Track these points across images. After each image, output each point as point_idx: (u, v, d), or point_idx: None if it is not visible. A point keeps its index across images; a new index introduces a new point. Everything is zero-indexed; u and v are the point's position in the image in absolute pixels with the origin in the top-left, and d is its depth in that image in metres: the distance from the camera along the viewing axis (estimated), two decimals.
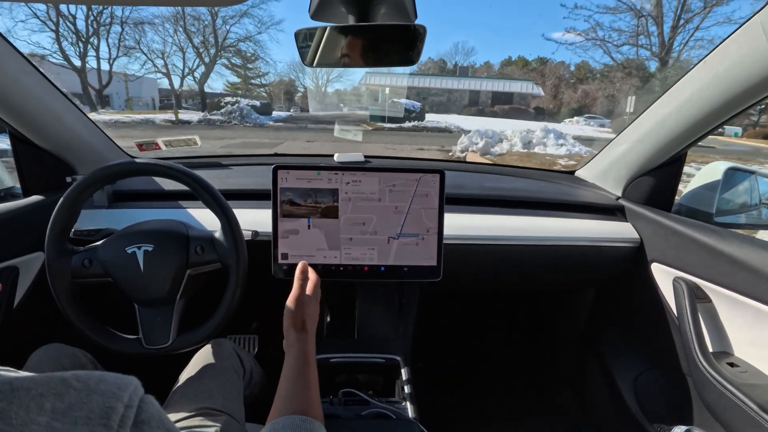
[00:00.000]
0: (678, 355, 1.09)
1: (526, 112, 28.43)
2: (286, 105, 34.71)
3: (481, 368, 1.77)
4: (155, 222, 0.96)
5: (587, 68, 34.07)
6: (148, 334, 0.90)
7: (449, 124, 19.42)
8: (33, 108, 1.01)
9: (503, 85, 31.95)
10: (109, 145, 1.29)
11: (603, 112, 27.83)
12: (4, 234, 0.99)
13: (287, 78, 38.29)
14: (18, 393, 0.25)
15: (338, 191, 0.97)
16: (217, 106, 20.16)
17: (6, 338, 0.97)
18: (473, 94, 32.09)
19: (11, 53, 0.91)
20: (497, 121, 21.95)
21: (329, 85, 41.74)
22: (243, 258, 0.90)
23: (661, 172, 1.19)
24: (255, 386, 1.08)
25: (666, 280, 1.11)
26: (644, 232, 1.20)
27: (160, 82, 30.53)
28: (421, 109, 20.82)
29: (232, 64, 30.70)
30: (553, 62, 37.44)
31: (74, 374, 0.27)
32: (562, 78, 34.57)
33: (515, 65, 41.20)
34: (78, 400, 0.26)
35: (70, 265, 0.87)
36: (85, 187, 0.87)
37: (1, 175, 1.18)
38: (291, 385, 0.64)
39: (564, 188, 1.40)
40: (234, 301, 0.90)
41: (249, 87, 33.71)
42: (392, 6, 0.69)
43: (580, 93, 31.32)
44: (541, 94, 32.29)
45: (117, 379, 0.29)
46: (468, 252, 1.17)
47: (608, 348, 1.36)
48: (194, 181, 0.89)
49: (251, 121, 19.00)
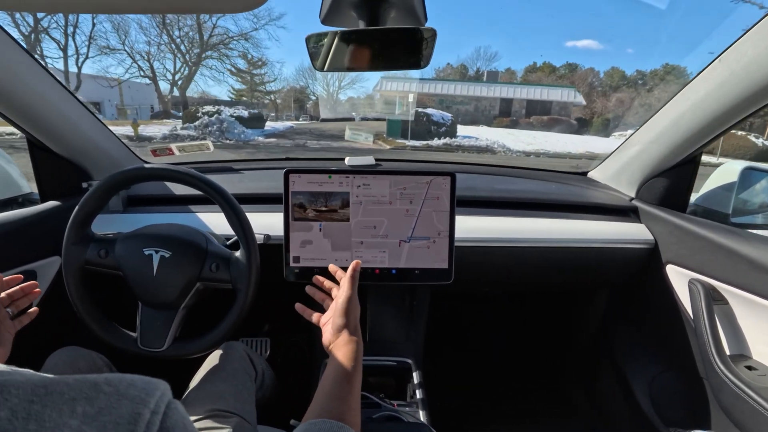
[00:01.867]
0: (694, 358, 1.08)
1: (568, 124, 24.08)
2: (296, 113, 32.59)
3: (493, 370, 1.75)
4: (177, 228, 0.96)
5: (619, 75, 31.68)
6: (145, 334, 0.91)
7: (490, 141, 15.48)
8: (51, 116, 1.03)
9: (540, 93, 27.24)
10: (125, 151, 1.31)
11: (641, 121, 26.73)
12: (22, 238, 1.02)
13: (298, 85, 35.49)
14: (52, 396, 0.25)
15: (349, 194, 0.97)
16: (193, 116, 15.87)
17: (23, 341, 0.99)
18: (504, 103, 27.12)
19: (31, 63, 0.93)
20: (535, 134, 19.12)
21: (341, 92, 37.90)
22: (254, 282, 0.90)
23: (676, 172, 1.18)
24: (266, 389, 1.09)
25: (681, 282, 1.10)
26: (659, 233, 1.19)
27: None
28: (452, 121, 16.78)
29: (237, 70, 28.38)
30: (582, 68, 34.61)
31: (106, 378, 0.28)
32: (593, 86, 31.31)
33: (541, 71, 37.41)
34: (107, 404, 0.26)
35: (87, 251, 0.89)
36: (120, 180, 0.89)
37: (19, 181, 1.21)
38: (335, 386, 0.62)
39: (576, 189, 1.39)
40: (236, 322, 0.90)
41: (255, 94, 31.42)
42: (402, 10, 0.69)
43: (615, 102, 28.35)
44: (583, 102, 27.66)
45: (146, 384, 0.29)
46: (480, 254, 1.16)
47: (622, 350, 1.34)
48: (215, 190, 0.89)
49: (233, 136, 15.18)
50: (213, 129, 15.02)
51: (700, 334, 0.98)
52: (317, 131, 19.96)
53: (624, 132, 21.82)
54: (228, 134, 15.14)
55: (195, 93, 27.65)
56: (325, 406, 0.59)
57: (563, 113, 26.19)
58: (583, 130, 23.97)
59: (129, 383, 0.28)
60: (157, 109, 25.00)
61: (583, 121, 26.07)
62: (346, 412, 0.58)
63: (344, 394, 0.62)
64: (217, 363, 0.96)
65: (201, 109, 16.36)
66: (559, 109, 26.53)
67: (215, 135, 14.76)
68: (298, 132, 19.39)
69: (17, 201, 1.18)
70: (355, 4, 0.68)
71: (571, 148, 15.20)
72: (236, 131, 15.45)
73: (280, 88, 33.75)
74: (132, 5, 0.52)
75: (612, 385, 1.37)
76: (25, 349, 0.98)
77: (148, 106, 24.66)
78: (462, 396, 1.61)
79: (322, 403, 0.60)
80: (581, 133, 22.36)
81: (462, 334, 1.85)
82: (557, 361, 1.72)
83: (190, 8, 0.55)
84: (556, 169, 1.59)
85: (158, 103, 25.02)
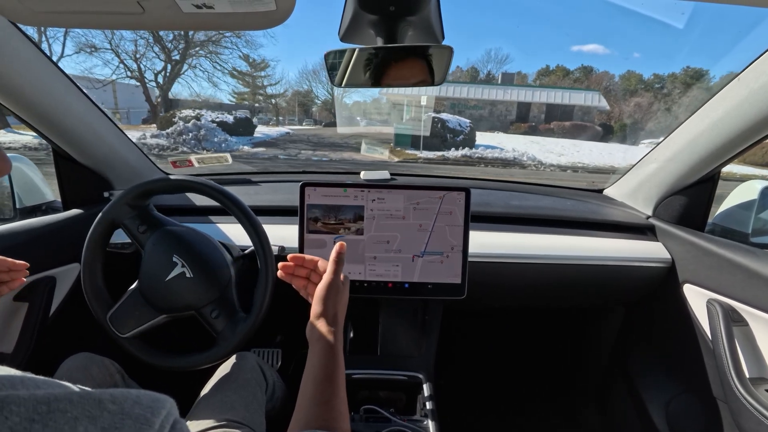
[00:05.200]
0: (712, 380, 1.05)
1: (593, 131, 21.73)
2: (300, 118, 31.06)
3: (505, 387, 1.73)
4: (213, 252, 0.96)
5: (637, 78, 29.52)
6: (119, 314, 0.91)
7: (518, 153, 13.30)
8: (76, 126, 1.06)
9: (561, 96, 24.51)
10: (145, 162, 1.34)
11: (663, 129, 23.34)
12: (44, 245, 1.04)
13: (301, 88, 33.34)
14: (53, 415, 0.25)
15: (364, 208, 0.98)
16: (169, 122, 13.52)
17: (41, 346, 1.01)
18: (522, 107, 24.58)
19: (59, 76, 0.96)
20: (562, 142, 17.00)
21: (346, 96, 34.40)
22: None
23: (694, 190, 1.17)
24: (277, 400, 1.09)
25: (699, 302, 1.08)
26: (676, 252, 1.17)
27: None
28: (471, 129, 14.41)
29: (240, 73, 26.49)
30: (597, 71, 32.78)
31: (111, 395, 0.27)
32: (609, 90, 29.06)
33: (554, 75, 35.23)
34: (111, 424, 0.26)
35: (129, 215, 0.93)
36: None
37: (43, 190, 1.24)
38: (315, 389, 0.58)
39: (592, 207, 1.38)
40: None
41: (257, 97, 29.44)
42: (420, 28, 0.71)
43: (633, 107, 26.35)
44: (607, 107, 25.07)
45: (152, 402, 0.29)
46: (493, 270, 1.16)
47: (637, 370, 1.32)
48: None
49: (212, 146, 12.65)
50: (188, 137, 12.57)
51: (719, 356, 0.96)
52: (317, 138, 17.96)
53: (655, 140, 20.86)
54: (206, 143, 12.71)
55: (190, 96, 24.86)
56: (311, 415, 0.55)
57: (586, 119, 24.14)
58: (608, 137, 22.21)
59: (134, 401, 0.28)
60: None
61: (608, 127, 24.02)
62: (334, 418, 0.54)
63: (328, 396, 0.57)
64: (228, 373, 0.97)
65: (178, 114, 13.97)
66: (582, 115, 24.46)
67: (190, 144, 12.32)
68: (294, 140, 16.89)
69: (41, 208, 1.21)
70: (373, 23, 0.70)
71: (608, 160, 13.55)
72: (216, 140, 13.10)
73: (283, 92, 31.94)
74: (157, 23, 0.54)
75: (626, 405, 1.34)
76: (42, 353, 1.01)
77: (144, 110, 21.57)
78: (473, 412, 1.59)
79: (306, 411, 0.55)
80: (606, 141, 20.70)
81: (474, 350, 1.83)
82: (570, 380, 1.69)
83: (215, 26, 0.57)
84: (572, 186, 1.58)
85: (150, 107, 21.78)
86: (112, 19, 0.54)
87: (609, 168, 12.60)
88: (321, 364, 0.60)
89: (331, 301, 0.67)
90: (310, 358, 0.62)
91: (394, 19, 0.68)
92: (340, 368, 0.61)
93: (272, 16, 0.52)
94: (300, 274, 0.76)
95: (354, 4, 0.66)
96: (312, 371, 0.60)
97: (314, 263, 0.74)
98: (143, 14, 0.50)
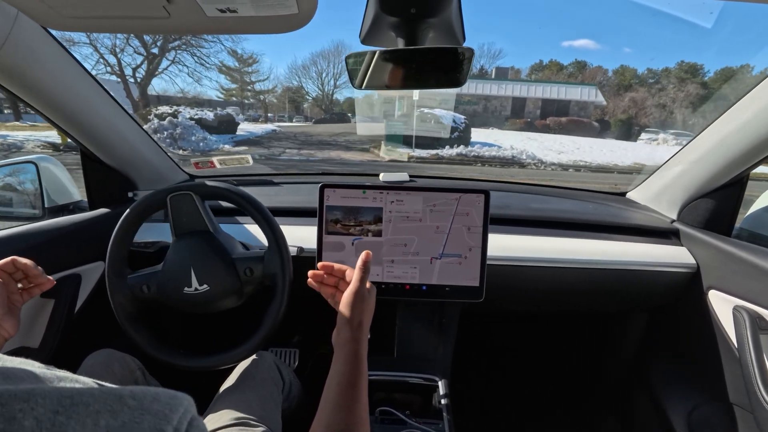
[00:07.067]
0: (737, 389, 1.02)
1: (590, 127, 21.34)
2: (290, 114, 30.08)
3: (522, 393, 1.71)
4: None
5: (631, 73, 29.14)
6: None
7: (517, 151, 12.81)
8: (103, 128, 1.09)
9: (557, 91, 24.21)
10: (169, 163, 1.37)
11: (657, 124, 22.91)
12: (70, 244, 1.07)
13: (291, 84, 32.28)
14: (77, 408, 0.25)
15: (382, 210, 0.98)
16: (144, 119, 12.80)
17: (66, 342, 1.04)
18: (517, 103, 24.49)
19: (87, 79, 0.99)
20: (561, 139, 16.57)
21: (337, 92, 33.70)
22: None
23: (720, 194, 1.13)
24: (293, 400, 1.09)
25: (725, 309, 1.05)
26: (701, 257, 1.14)
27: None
28: (466, 125, 13.71)
29: (227, 68, 25.66)
30: (591, 66, 32.32)
31: (131, 391, 0.28)
32: (603, 85, 28.58)
33: (548, 70, 34.77)
34: (131, 419, 0.26)
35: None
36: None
37: (71, 190, 1.28)
38: (339, 394, 0.58)
39: (614, 210, 1.35)
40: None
41: (245, 93, 28.71)
42: (441, 30, 0.70)
43: (628, 102, 25.74)
44: (604, 102, 24.97)
45: (170, 399, 0.29)
46: (512, 274, 1.15)
47: (659, 378, 1.29)
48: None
49: (189, 145, 12.02)
50: (163, 136, 11.96)
51: (745, 365, 0.93)
52: (304, 136, 17.08)
53: (654, 136, 19.75)
54: (182, 142, 12.07)
55: (176, 92, 24.62)
56: (332, 419, 0.56)
57: (582, 114, 23.69)
58: (605, 133, 21.80)
59: (153, 397, 0.28)
60: None
61: (604, 123, 23.41)
62: (355, 423, 0.55)
63: (350, 402, 0.58)
64: (246, 372, 0.98)
65: (153, 110, 13.17)
66: (578, 110, 24.01)
67: (165, 144, 11.25)
68: (279, 138, 16.06)
69: (68, 208, 1.25)
70: (394, 25, 0.70)
71: (611, 158, 13.17)
72: (194, 138, 12.45)
73: (272, 88, 31.30)
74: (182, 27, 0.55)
75: (647, 414, 1.31)
76: (66, 348, 1.03)
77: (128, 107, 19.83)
78: (489, 417, 1.57)
79: (328, 416, 0.56)
80: (603, 137, 20.27)
81: (491, 354, 1.81)
82: (589, 387, 1.66)
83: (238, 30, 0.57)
84: (594, 189, 1.56)
85: None
86: (138, 24, 0.56)
87: (612, 167, 12.06)
88: (345, 371, 0.61)
89: (356, 309, 0.67)
90: (335, 364, 0.63)
91: (414, 21, 0.68)
92: (363, 375, 0.62)
93: (294, 19, 0.52)
94: (328, 282, 0.77)
95: (375, 6, 0.66)
96: (336, 376, 0.61)
97: (342, 272, 0.76)
98: (169, 18, 0.51)
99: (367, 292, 0.70)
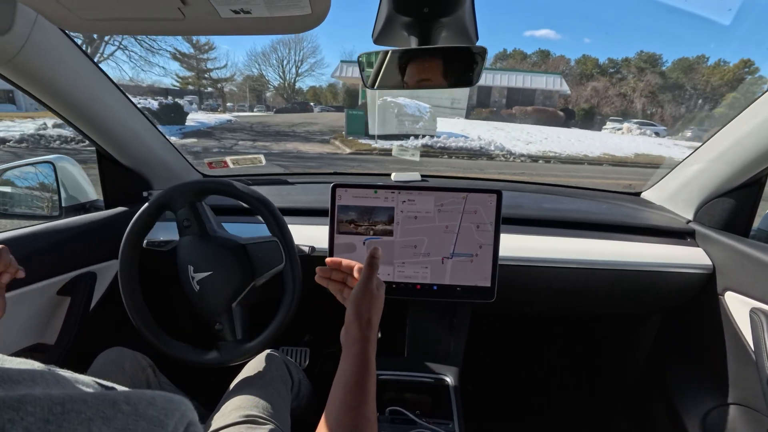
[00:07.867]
0: (753, 393, 1.00)
1: (555, 116, 21.05)
2: (251, 104, 28.43)
3: (534, 395, 1.70)
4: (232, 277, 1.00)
5: (593, 63, 28.81)
6: None
7: (484, 142, 12.17)
8: (119, 129, 1.11)
9: (522, 80, 23.76)
10: (183, 164, 1.39)
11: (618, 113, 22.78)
12: (87, 241, 1.09)
13: (251, 72, 30.45)
14: (68, 416, 0.25)
15: (394, 210, 0.98)
16: None
17: (81, 338, 1.05)
18: (483, 91, 23.81)
19: (104, 80, 1.00)
20: (528, 128, 16.20)
21: (299, 80, 31.82)
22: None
23: (738, 194, 1.11)
24: (302, 399, 1.10)
25: (742, 311, 1.03)
26: (718, 258, 1.12)
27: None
28: (431, 115, 12.88)
29: (181, 54, 23.66)
30: (554, 56, 32.19)
31: (126, 396, 0.28)
32: (566, 74, 28.03)
33: (512, 59, 34.17)
34: (124, 425, 0.26)
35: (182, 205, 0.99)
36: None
37: (87, 189, 1.30)
38: (345, 394, 0.57)
39: (629, 210, 1.34)
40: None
41: (203, 82, 27.08)
42: (454, 29, 0.70)
43: (590, 91, 25.65)
44: (569, 92, 25.01)
45: (166, 403, 0.29)
46: (524, 274, 1.14)
47: (674, 380, 1.27)
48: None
49: None
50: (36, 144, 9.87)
51: (762, 368, 0.91)
52: (261, 126, 15.61)
53: (619, 125, 19.55)
54: None
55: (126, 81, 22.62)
56: (339, 421, 0.54)
57: (548, 103, 23.36)
58: (569, 122, 21.53)
59: (149, 402, 0.28)
60: None
61: (569, 111, 23.05)
62: (362, 424, 0.54)
63: (357, 402, 0.56)
64: (255, 370, 0.98)
65: None
66: (543, 99, 23.73)
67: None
68: (234, 129, 14.65)
69: (85, 207, 1.27)
70: (407, 24, 0.70)
71: (579, 148, 12.68)
72: None
73: (231, 75, 29.83)
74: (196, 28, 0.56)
75: (661, 416, 1.29)
76: (81, 345, 1.05)
77: None
78: (499, 418, 1.56)
79: (335, 417, 0.55)
80: (568, 126, 20.07)
81: (502, 355, 1.80)
82: (602, 390, 1.64)
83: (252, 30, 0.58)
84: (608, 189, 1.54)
85: None
86: (154, 25, 0.56)
87: (582, 157, 11.65)
88: (352, 371, 0.59)
89: (365, 306, 0.65)
90: (342, 363, 0.61)
91: (428, 20, 0.68)
92: (371, 375, 0.60)
93: (307, 20, 0.52)
94: (336, 278, 0.76)
95: (388, 6, 0.66)
96: (343, 377, 0.59)
97: (351, 268, 0.75)
98: (184, 20, 0.51)
99: (376, 288, 0.68)
